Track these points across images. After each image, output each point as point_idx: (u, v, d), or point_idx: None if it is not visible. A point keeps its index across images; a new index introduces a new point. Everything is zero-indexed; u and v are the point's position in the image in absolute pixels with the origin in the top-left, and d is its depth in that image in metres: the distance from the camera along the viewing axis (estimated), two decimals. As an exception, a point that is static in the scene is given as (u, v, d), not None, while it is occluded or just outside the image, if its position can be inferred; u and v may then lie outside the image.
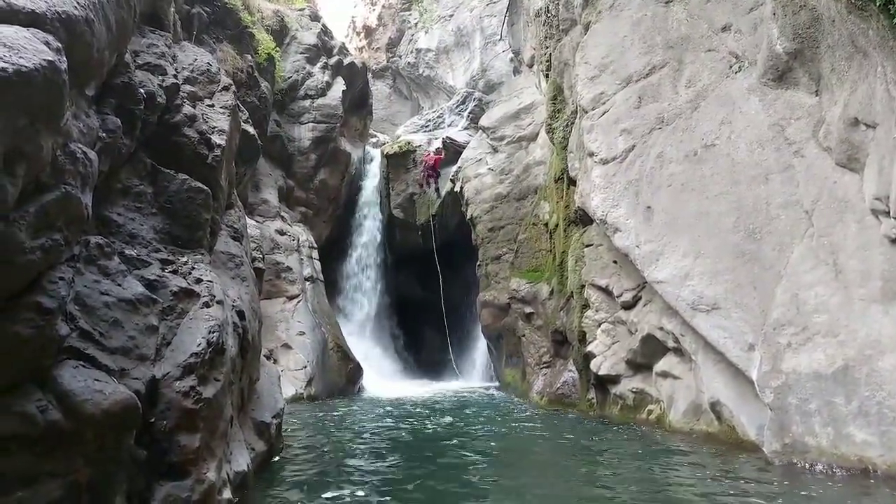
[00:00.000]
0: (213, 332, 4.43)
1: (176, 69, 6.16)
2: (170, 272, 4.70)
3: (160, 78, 5.65)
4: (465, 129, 21.77)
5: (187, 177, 5.47)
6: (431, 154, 19.86)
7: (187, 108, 5.88)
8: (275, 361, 13.03)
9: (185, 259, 5.04)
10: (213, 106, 6.58)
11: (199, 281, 4.83)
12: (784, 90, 7.11)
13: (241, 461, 5.01)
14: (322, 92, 18.98)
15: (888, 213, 5.53)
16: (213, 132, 6.06)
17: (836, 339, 5.81)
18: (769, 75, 7.20)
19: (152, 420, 3.91)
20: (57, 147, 3.59)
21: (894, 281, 5.56)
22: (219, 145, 6.01)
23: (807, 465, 5.70)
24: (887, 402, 5.32)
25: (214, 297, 4.78)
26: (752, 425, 6.70)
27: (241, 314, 5.51)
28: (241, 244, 6.83)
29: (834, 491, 4.93)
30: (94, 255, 4.10)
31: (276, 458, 6.35)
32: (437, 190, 20.27)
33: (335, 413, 11.02)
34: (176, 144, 5.62)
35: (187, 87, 6.31)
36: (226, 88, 6.94)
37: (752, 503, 4.64)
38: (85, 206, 3.87)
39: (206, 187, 5.58)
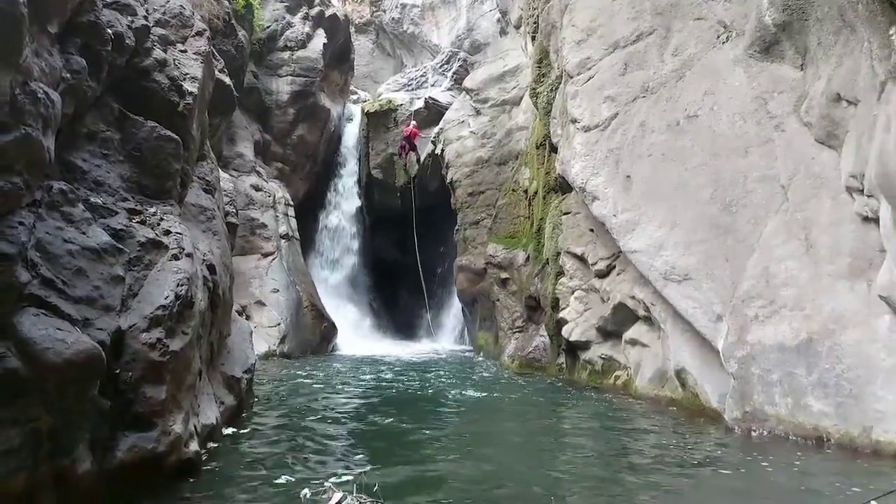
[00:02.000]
0: (182, 285, 4.34)
1: (147, 10, 5.87)
2: (137, 222, 4.57)
3: (129, 19, 5.37)
4: (449, 89, 21.41)
5: (157, 124, 5.27)
6: (410, 126, 19.49)
7: (158, 53, 5.63)
8: (248, 318, 12.94)
9: (153, 210, 4.90)
10: (185, 51, 6.32)
11: (167, 232, 4.71)
12: (769, 63, 7.07)
13: (210, 414, 4.99)
14: (302, 44, 18.43)
15: (862, 190, 5.59)
16: (184, 79, 5.82)
17: (803, 313, 5.93)
18: (756, 46, 7.15)
19: (117, 371, 3.85)
20: (16, 85, 3.41)
21: (862, 258, 5.66)
22: (191, 93, 5.79)
23: (765, 433, 5.88)
24: (846, 375, 5.47)
25: (184, 249, 4.67)
26: (715, 393, 6.88)
27: (211, 268, 5.41)
28: (214, 197, 6.67)
29: (788, 457, 5.11)
30: (57, 201, 3.95)
31: (246, 413, 6.34)
32: (418, 160, 19.99)
33: (307, 370, 11.05)
34: (146, 90, 5.39)
35: (158, 31, 6.03)
36: (199, 34, 6.66)
37: (710, 468, 4.78)
38: (47, 150, 3.71)
39: (176, 136, 5.39)
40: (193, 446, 4.23)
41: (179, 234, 4.77)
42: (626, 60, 8.89)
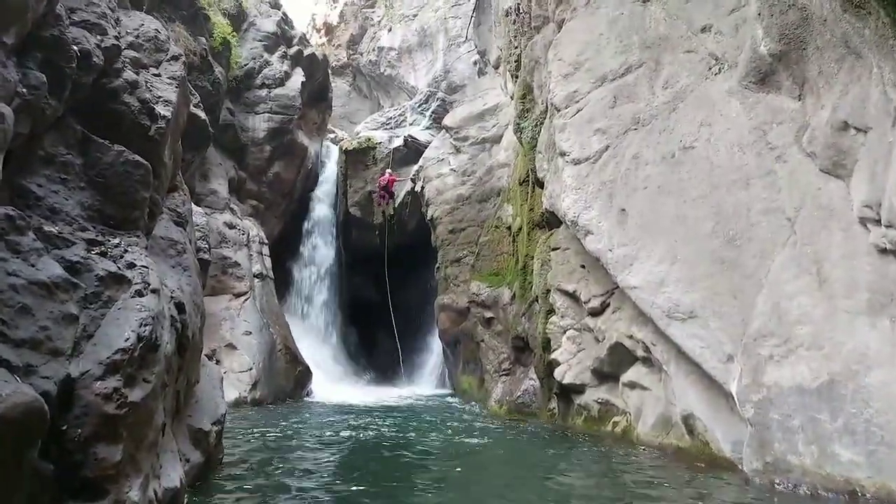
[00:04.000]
0: (146, 325, 3.77)
1: (119, 32, 5.42)
2: (97, 254, 4.01)
3: (98, 38, 4.90)
4: (428, 128, 21.29)
5: (124, 149, 4.77)
6: (386, 175, 19.09)
7: (129, 74, 5.17)
8: (217, 362, 12.16)
9: (116, 241, 4.35)
10: (159, 76, 5.87)
11: (131, 266, 4.15)
12: (766, 94, 6.91)
13: (174, 476, 4.34)
14: (280, 82, 18.15)
15: (878, 221, 5.33)
16: (157, 102, 5.36)
17: (821, 353, 5.57)
18: (751, 77, 7.00)
19: (65, 427, 3.24)
20: (-46, 91, 2.92)
21: (882, 293, 5.36)
22: (163, 116, 5.31)
23: (790, 486, 5.42)
24: (875, 420, 5.08)
25: (149, 284, 4.12)
26: (728, 441, 6.42)
27: (180, 307, 4.84)
28: (185, 230, 6.11)
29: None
30: (1, 227, 3.40)
31: (214, 471, 5.66)
32: (393, 207, 19.57)
33: (281, 419, 10.29)
34: (113, 112, 4.91)
35: (131, 53, 5.59)
36: (175, 58, 6.23)
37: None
38: (-10, 168, 3.20)
39: (145, 162, 4.89)
40: (154, 517, 3.60)
41: (145, 267, 4.22)
42: (615, 93, 8.72)
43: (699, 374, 6.76)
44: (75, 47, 4.37)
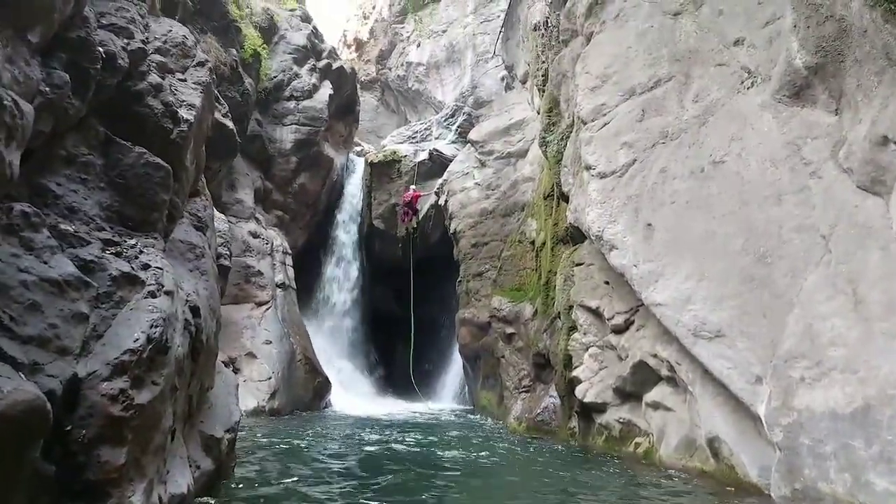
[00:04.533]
0: (156, 327, 3.73)
1: (146, 37, 5.49)
2: (112, 254, 4.00)
3: (125, 41, 4.96)
4: (453, 142, 21.30)
5: (146, 151, 4.79)
6: (410, 191, 18.90)
7: (154, 78, 5.20)
8: (237, 371, 12.20)
9: (133, 241, 4.35)
10: (185, 81, 5.91)
11: (146, 267, 4.13)
12: (800, 108, 6.70)
13: (181, 482, 4.27)
14: (308, 94, 18.36)
15: (918, 239, 5.08)
16: (181, 106, 5.38)
17: (856, 376, 5.29)
18: (785, 91, 6.80)
19: (69, 428, 3.20)
20: (-27, 85, 2.94)
21: (921, 315, 5.09)
22: (186, 120, 5.34)
23: (820, 515, 5.14)
24: (912, 448, 4.80)
25: (163, 286, 4.09)
26: (755, 465, 6.14)
27: (195, 310, 4.80)
28: (205, 235, 6.11)
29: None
30: (16, 224, 3.41)
31: (226, 479, 5.58)
32: (417, 221, 19.32)
33: (298, 430, 10.21)
34: (137, 115, 4.94)
35: (157, 57, 5.63)
36: (201, 64, 6.28)
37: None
38: (9, 164, 3.20)
39: (166, 164, 4.90)
40: (157, 522, 3.53)
41: (159, 268, 4.20)
42: (643, 107, 8.57)
43: (726, 396, 6.50)
44: (101, 49, 4.40)
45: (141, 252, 4.25)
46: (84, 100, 4.30)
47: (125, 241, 4.27)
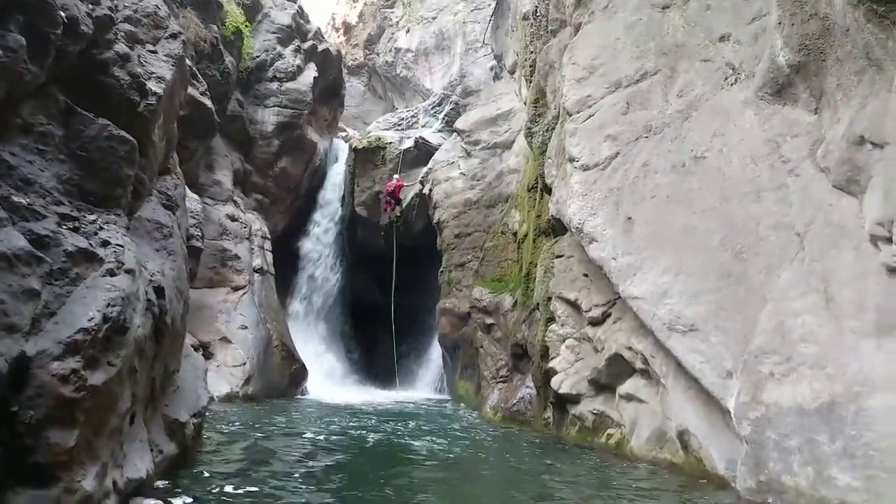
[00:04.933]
0: (114, 306, 3.60)
1: (115, 5, 5.29)
2: (68, 229, 3.85)
3: (90, 6, 4.75)
4: (440, 131, 21.13)
5: (110, 123, 4.62)
6: (394, 181, 18.72)
7: (120, 47, 5.01)
8: (211, 355, 12.04)
9: (93, 217, 4.19)
10: (155, 52, 5.72)
11: (105, 244, 3.99)
12: (782, 106, 6.67)
13: (140, 466, 4.16)
14: (292, 76, 18.07)
15: (890, 239, 5.08)
16: (149, 78, 5.21)
17: (824, 372, 5.31)
18: (767, 88, 6.77)
19: (16, 409, 3.07)
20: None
21: (891, 313, 5.09)
22: (155, 93, 5.17)
23: (784, 508, 5.17)
24: (875, 445, 4.82)
25: (123, 264, 3.95)
26: (722, 458, 6.17)
27: (159, 290, 4.67)
28: (174, 215, 5.94)
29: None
30: (-37, 195, 3.25)
31: (190, 464, 5.47)
32: (400, 210, 19.17)
33: (270, 416, 10.11)
34: (101, 85, 4.75)
35: (126, 27, 5.43)
36: (174, 36, 6.08)
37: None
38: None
39: (132, 138, 4.74)
40: (108, 507, 3.42)
41: (120, 246, 4.06)
42: (628, 99, 8.50)
43: (697, 390, 6.51)
44: (62, 13, 4.21)
45: (101, 228, 4.11)
46: (42, 66, 4.11)
47: (84, 217, 4.12)
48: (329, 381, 17.35)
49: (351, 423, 9.86)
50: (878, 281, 5.29)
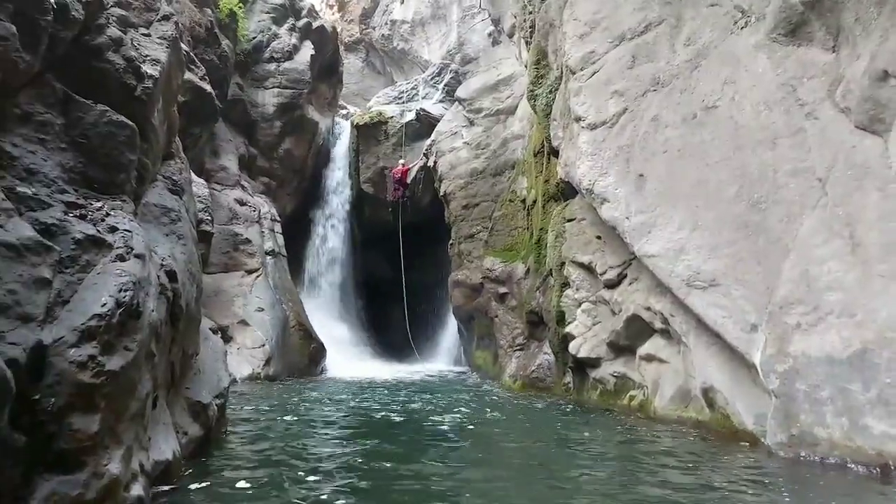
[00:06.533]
0: (126, 291, 3.55)
1: (104, -12, 5.15)
2: (75, 217, 3.78)
3: (79, -9, 4.63)
4: (441, 101, 20.82)
5: (108, 108, 4.51)
6: (399, 166, 18.37)
7: (113, 31, 4.88)
8: (230, 338, 12.12)
9: (99, 204, 4.13)
10: (149, 35, 5.59)
11: (113, 230, 3.92)
12: (796, 47, 6.44)
13: (166, 448, 4.16)
14: (289, 55, 17.83)
15: (918, 177, 4.92)
16: (144, 61, 5.08)
17: (853, 320, 5.20)
18: (780, 29, 6.53)
19: (37, 397, 3.05)
20: None
21: (920, 255, 4.97)
22: (151, 76, 5.04)
23: (816, 459, 5.10)
24: (910, 390, 4.74)
25: (132, 249, 3.89)
26: (750, 413, 6.11)
27: (171, 275, 4.61)
28: (181, 199, 5.86)
29: (851, 488, 4.34)
30: (-34, 187, 3.19)
31: (216, 445, 5.49)
32: (408, 199, 18.88)
33: (293, 395, 10.17)
34: (97, 71, 4.64)
35: (117, 11, 5.27)
36: (166, 18, 5.94)
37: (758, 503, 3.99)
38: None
39: (131, 123, 4.64)
40: (137, 490, 3.41)
41: (128, 231, 3.99)
42: (633, 53, 8.27)
43: (720, 346, 6.43)
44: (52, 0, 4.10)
45: (108, 215, 4.04)
46: (36, 54, 4.01)
47: (90, 204, 4.05)
48: (347, 358, 17.45)
49: (374, 398, 9.90)
50: (905, 222, 5.13)
